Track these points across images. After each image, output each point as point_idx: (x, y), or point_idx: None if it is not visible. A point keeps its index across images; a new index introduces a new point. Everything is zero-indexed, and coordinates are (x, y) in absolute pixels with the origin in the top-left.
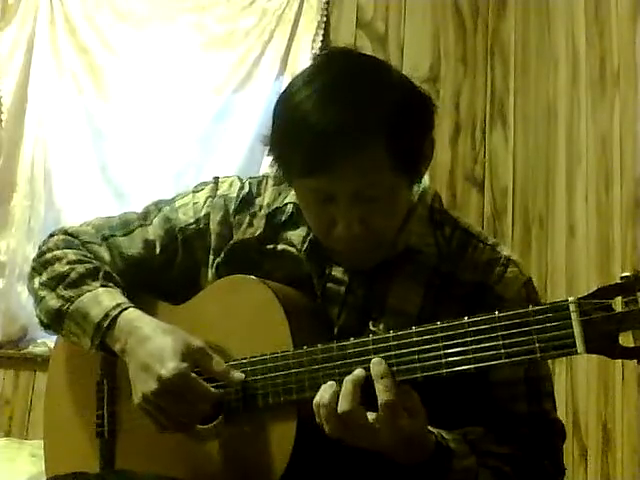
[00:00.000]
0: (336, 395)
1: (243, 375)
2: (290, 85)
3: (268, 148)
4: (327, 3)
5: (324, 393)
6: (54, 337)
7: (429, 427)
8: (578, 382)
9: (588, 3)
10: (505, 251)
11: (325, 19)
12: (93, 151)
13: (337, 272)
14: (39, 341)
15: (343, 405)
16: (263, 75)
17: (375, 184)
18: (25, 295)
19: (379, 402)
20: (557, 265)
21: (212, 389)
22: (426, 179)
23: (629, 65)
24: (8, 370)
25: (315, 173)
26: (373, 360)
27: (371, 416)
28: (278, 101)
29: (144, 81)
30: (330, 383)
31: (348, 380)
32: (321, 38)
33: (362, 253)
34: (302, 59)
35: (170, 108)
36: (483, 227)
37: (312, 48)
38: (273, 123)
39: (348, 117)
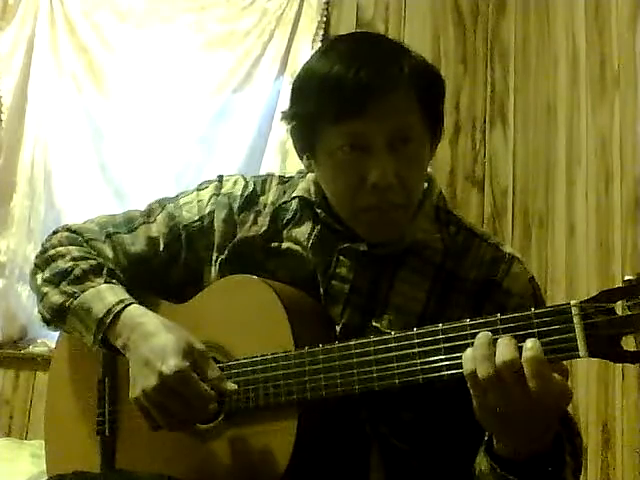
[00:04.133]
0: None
1: (236, 386)
2: (308, 61)
3: (290, 118)
4: (327, 3)
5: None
6: (54, 337)
7: None
8: (578, 382)
9: (588, 3)
10: (508, 249)
11: (325, 19)
12: (93, 151)
13: (342, 269)
14: (39, 341)
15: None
16: (263, 75)
17: (408, 127)
18: (25, 295)
19: (524, 357)
20: (557, 265)
21: (211, 391)
22: (431, 172)
23: (629, 65)
24: (8, 370)
25: (350, 117)
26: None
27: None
28: (298, 75)
29: (144, 81)
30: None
31: (503, 342)
32: (321, 38)
33: (391, 210)
34: (302, 59)
35: (170, 108)
36: (483, 227)
37: (312, 48)
38: (295, 93)
39: (378, 64)
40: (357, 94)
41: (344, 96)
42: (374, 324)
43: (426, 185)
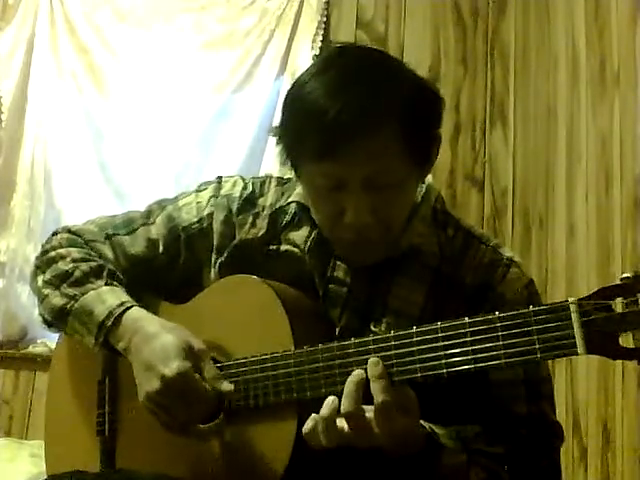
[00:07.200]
0: (335, 407)
1: (232, 386)
2: (300, 77)
3: (277, 138)
4: (327, 3)
5: (322, 409)
6: (54, 337)
7: (422, 422)
8: (578, 382)
9: (588, 3)
10: (507, 252)
11: (325, 19)
12: (93, 151)
13: (339, 273)
14: (39, 341)
15: (346, 405)
16: (263, 75)
17: (386, 171)
18: (25, 295)
19: (375, 402)
20: (557, 265)
21: (211, 391)
22: (429, 178)
23: (629, 65)
24: (8, 370)
25: (327, 157)
26: (370, 360)
27: (369, 414)
28: (288, 92)
29: (144, 81)
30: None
31: (350, 381)
32: (321, 38)
33: (368, 244)
34: (302, 59)
35: (170, 108)
36: (483, 227)
37: (312, 48)
38: (283, 113)
39: (362, 103)
40: (335, 137)
41: (322, 138)
42: (372, 328)
43: (423, 189)
